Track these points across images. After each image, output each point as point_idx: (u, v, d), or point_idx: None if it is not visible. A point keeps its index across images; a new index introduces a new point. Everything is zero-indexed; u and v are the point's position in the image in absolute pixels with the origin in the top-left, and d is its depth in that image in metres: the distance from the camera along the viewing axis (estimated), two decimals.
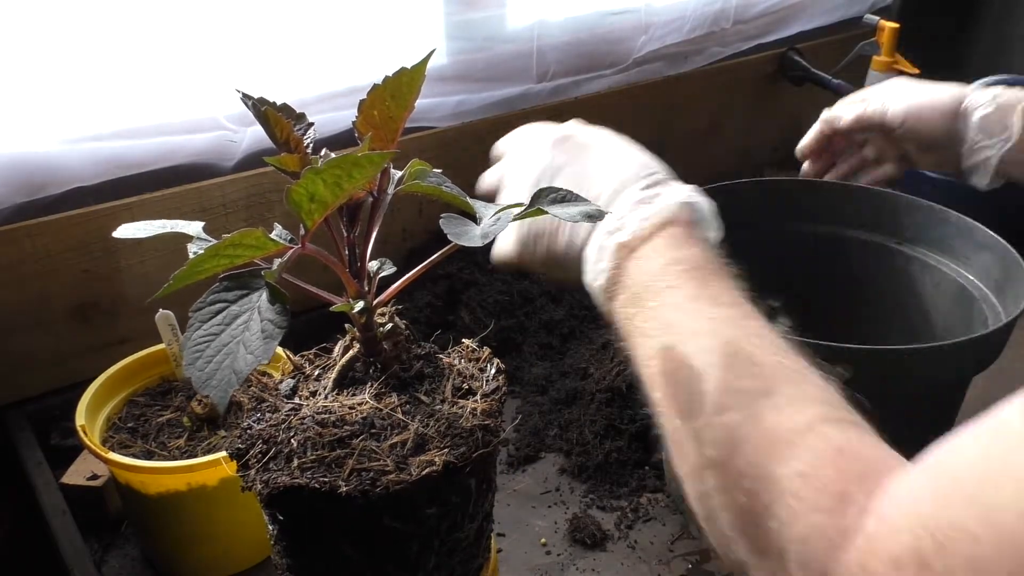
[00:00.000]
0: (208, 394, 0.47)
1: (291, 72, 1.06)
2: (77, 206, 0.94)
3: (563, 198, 0.55)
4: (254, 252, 0.50)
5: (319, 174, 0.47)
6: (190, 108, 1.00)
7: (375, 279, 0.60)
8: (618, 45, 1.32)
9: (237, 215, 1.03)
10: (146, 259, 0.98)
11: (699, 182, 0.59)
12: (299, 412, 0.58)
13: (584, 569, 0.83)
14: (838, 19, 1.57)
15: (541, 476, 0.94)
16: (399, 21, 1.11)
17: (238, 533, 0.82)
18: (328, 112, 1.04)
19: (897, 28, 1.37)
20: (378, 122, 0.55)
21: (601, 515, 0.89)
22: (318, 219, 0.50)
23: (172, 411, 0.85)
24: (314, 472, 0.54)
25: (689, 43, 1.39)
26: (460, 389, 0.61)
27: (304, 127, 0.57)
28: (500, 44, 1.21)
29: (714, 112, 1.46)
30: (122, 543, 0.87)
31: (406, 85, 0.54)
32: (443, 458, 0.54)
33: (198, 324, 0.49)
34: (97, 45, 0.92)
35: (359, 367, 0.61)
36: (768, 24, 1.49)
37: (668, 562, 0.84)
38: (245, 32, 1.00)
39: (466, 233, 0.55)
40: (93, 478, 0.87)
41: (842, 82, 1.41)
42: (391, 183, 0.59)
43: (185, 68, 0.98)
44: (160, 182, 0.99)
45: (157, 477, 0.76)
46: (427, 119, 1.17)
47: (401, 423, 0.57)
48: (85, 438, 0.77)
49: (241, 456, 0.57)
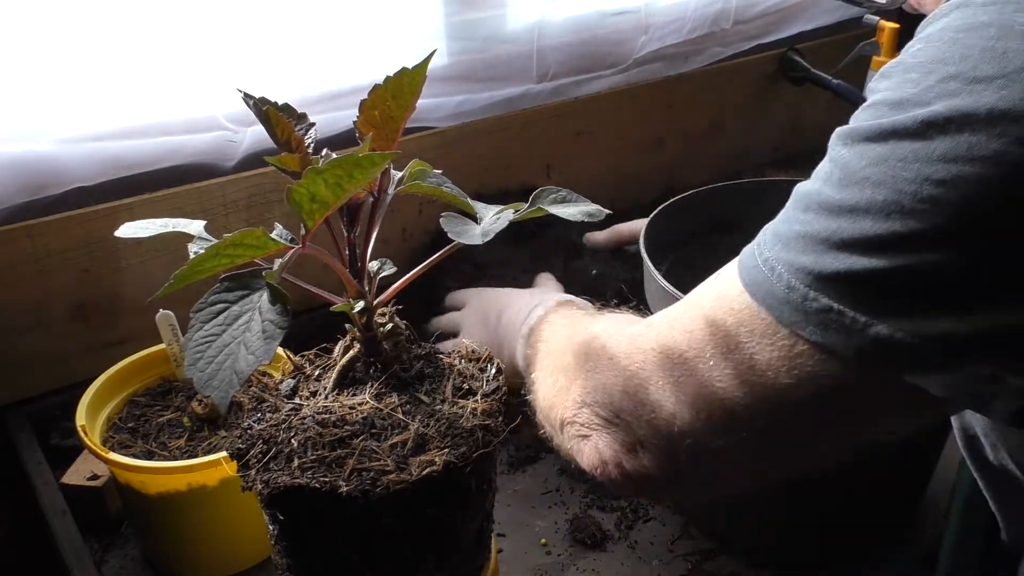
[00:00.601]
0: (209, 394, 0.47)
1: (292, 72, 1.05)
2: (77, 206, 0.94)
3: (563, 199, 0.55)
4: (255, 252, 0.50)
5: (320, 174, 0.47)
6: (191, 108, 0.99)
7: (375, 279, 0.60)
8: (618, 45, 1.32)
9: (238, 215, 1.03)
10: (146, 259, 0.98)
11: (699, 182, 0.61)
12: (299, 412, 0.58)
13: (584, 569, 0.83)
14: (838, 19, 1.57)
15: (541, 476, 0.94)
16: (400, 21, 1.11)
17: (238, 533, 0.82)
18: (329, 112, 1.03)
19: (897, 28, 1.37)
20: (379, 122, 0.55)
21: (601, 515, 0.89)
22: (319, 219, 0.50)
23: (172, 411, 0.85)
24: (314, 472, 0.54)
25: (689, 43, 1.38)
26: (460, 389, 0.61)
27: (305, 127, 0.58)
28: (500, 44, 1.21)
29: (714, 112, 1.45)
30: (122, 543, 0.87)
31: (407, 85, 0.54)
32: (443, 458, 0.54)
33: (199, 324, 0.49)
34: (97, 45, 0.92)
35: (359, 367, 0.61)
36: (768, 24, 1.49)
37: (668, 562, 0.84)
38: (246, 32, 1.00)
39: (467, 232, 0.55)
40: (93, 478, 0.87)
41: (842, 82, 1.41)
42: (391, 183, 0.59)
43: (185, 68, 0.97)
44: (161, 182, 0.99)
45: (157, 477, 0.76)
46: (428, 119, 1.17)
47: (401, 423, 0.57)
48: (85, 438, 0.77)
49: (241, 456, 0.57)
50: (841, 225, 0.45)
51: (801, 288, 0.46)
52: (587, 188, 0.65)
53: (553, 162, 1.28)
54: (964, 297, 0.42)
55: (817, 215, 0.46)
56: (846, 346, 0.45)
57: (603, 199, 0.64)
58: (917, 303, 0.43)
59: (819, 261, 0.45)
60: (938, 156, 0.42)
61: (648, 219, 0.91)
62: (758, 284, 0.49)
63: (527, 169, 1.26)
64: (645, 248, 0.85)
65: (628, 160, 1.36)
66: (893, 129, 0.44)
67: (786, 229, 0.49)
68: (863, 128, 0.46)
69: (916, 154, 0.43)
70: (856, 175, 0.45)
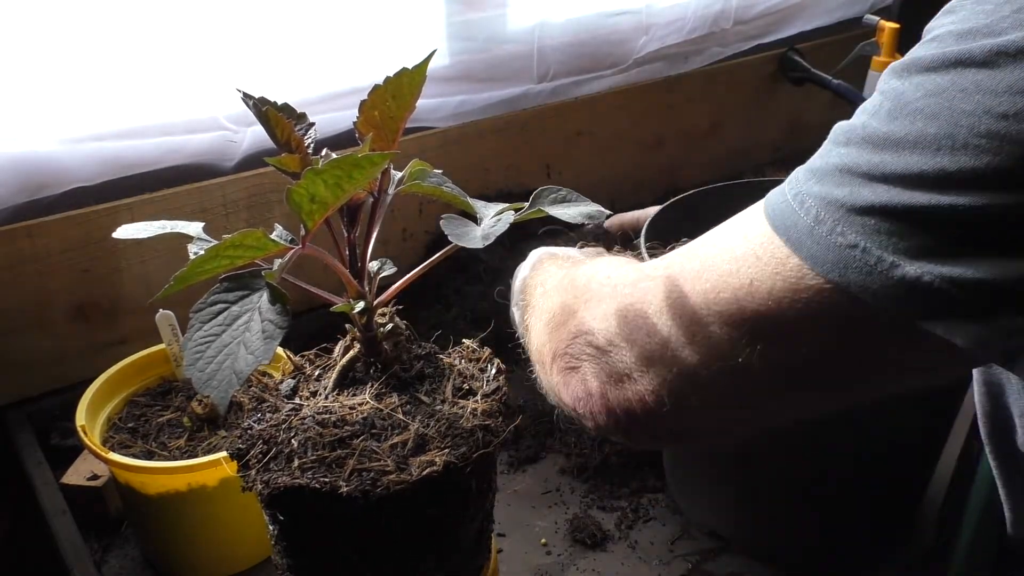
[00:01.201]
0: (209, 395, 0.47)
1: (292, 72, 1.06)
2: (77, 206, 0.94)
3: (563, 199, 0.55)
4: (255, 253, 0.50)
5: (320, 175, 0.47)
6: (191, 108, 0.99)
7: (375, 279, 0.60)
8: (619, 46, 1.32)
9: (238, 215, 1.03)
10: (146, 259, 0.98)
11: (699, 182, 0.61)
12: (299, 412, 0.58)
13: (584, 569, 0.83)
14: (838, 19, 1.57)
15: (541, 476, 0.94)
16: (400, 22, 1.11)
17: (238, 533, 0.82)
18: (329, 112, 1.04)
19: (897, 28, 1.37)
20: (379, 122, 0.55)
21: (601, 515, 0.89)
22: (319, 220, 0.50)
23: (172, 411, 0.85)
24: (315, 472, 0.54)
25: (689, 43, 1.39)
26: (460, 389, 0.61)
27: (305, 127, 0.58)
28: (501, 45, 1.21)
29: (714, 112, 1.45)
30: (122, 543, 0.87)
31: (407, 85, 0.54)
32: (443, 458, 0.54)
33: (199, 325, 0.49)
34: (98, 45, 0.92)
35: (359, 367, 0.61)
36: (768, 24, 1.49)
37: (668, 562, 0.84)
38: (246, 32, 1.00)
39: (467, 234, 0.55)
40: (93, 478, 0.87)
41: (842, 82, 1.41)
42: (392, 183, 0.59)
43: (186, 68, 0.97)
44: (160, 182, 0.99)
45: (157, 477, 0.76)
46: (428, 119, 1.17)
47: (401, 423, 0.57)
48: (85, 438, 0.77)
49: (241, 456, 0.57)
50: (884, 159, 0.42)
51: (829, 222, 0.43)
52: (587, 188, 0.65)
53: (553, 162, 1.28)
54: (1011, 242, 0.39)
55: (859, 148, 0.43)
56: (864, 287, 0.42)
57: (603, 199, 0.64)
58: (955, 246, 0.40)
59: (854, 194, 0.42)
60: (1005, 87, 0.39)
61: (655, 210, 0.91)
62: (782, 216, 0.46)
63: (527, 169, 1.26)
64: (645, 247, 0.85)
65: (628, 160, 1.36)
66: (958, 59, 0.41)
67: (821, 163, 0.46)
68: (924, 58, 0.43)
69: (980, 85, 0.39)
70: (908, 106, 0.42)
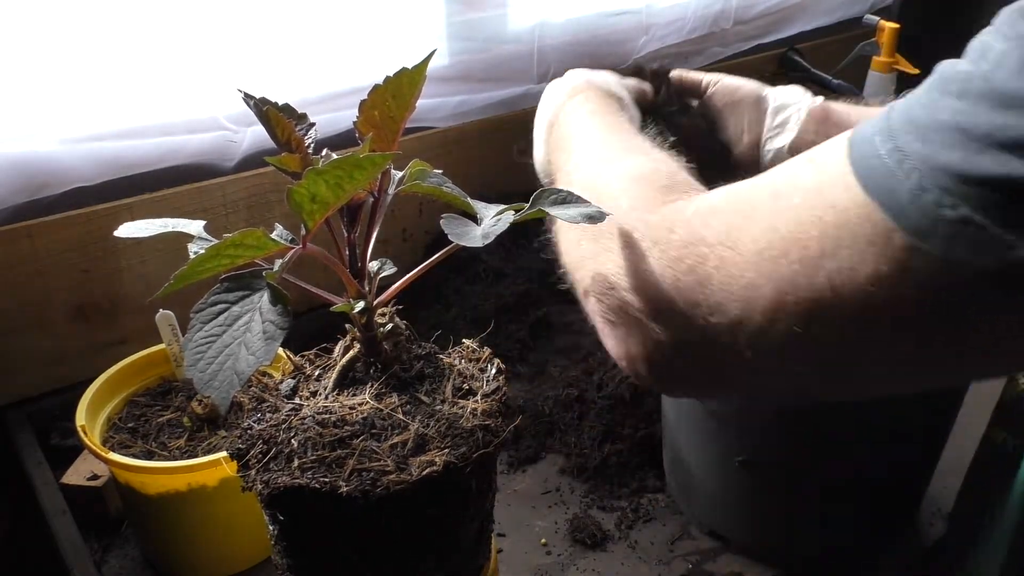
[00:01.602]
0: (210, 395, 0.47)
1: (292, 72, 1.06)
2: (77, 206, 0.94)
3: (563, 199, 0.55)
4: (255, 252, 0.50)
5: (320, 175, 0.47)
6: (191, 108, 1.00)
7: (375, 279, 0.60)
8: (619, 46, 1.32)
9: (238, 215, 1.03)
10: (146, 259, 0.98)
11: None
12: (299, 412, 0.58)
13: (584, 569, 0.83)
14: (838, 19, 1.57)
15: (541, 476, 0.94)
16: (400, 22, 1.11)
17: (238, 533, 0.82)
18: (329, 112, 1.04)
19: (897, 28, 1.37)
20: (379, 122, 0.55)
21: (601, 515, 0.89)
22: (319, 220, 0.50)
23: (172, 411, 0.85)
24: (314, 472, 0.54)
25: (689, 43, 1.39)
26: (460, 389, 0.61)
27: (305, 127, 0.57)
28: (501, 45, 1.21)
29: None
30: (122, 543, 0.87)
31: (407, 85, 0.54)
32: (443, 458, 0.54)
33: (199, 325, 0.49)
34: (97, 45, 0.92)
35: (359, 367, 0.61)
36: (768, 24, 1.49)
37: (668, 562, 0.84)
38: (246, 32, 1.00)
39: (467, 233, 0.55)
40: (93, 478, 0.87)
41: (842, 82, 1.41)
42: (392, 184, 0.59)
43: (186, 68, 0.98)
44: (160, 182, 0.99)
45: (157, 477, 0.76)
46: (428, 119, 1.17)
47: (401, 423, 0.57)
48: (85, 438, 0.77)
49: (241, 456, 0.57)
50: (1009, 121, 0.36)
51: (935, 191, 0.37)
52: None
53: None
54: None
55: (977, 104, 0.37)
56: (978, 266, 0.37)
57: None
58: None
59: (969, 161, 0.37)
60: None
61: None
62: (878, 179, 0.40)
63: (527, 169, 1.26)
64: None
65: None
66: None
67: (926, 116, 0.39)
68: None
69: None
70: None
